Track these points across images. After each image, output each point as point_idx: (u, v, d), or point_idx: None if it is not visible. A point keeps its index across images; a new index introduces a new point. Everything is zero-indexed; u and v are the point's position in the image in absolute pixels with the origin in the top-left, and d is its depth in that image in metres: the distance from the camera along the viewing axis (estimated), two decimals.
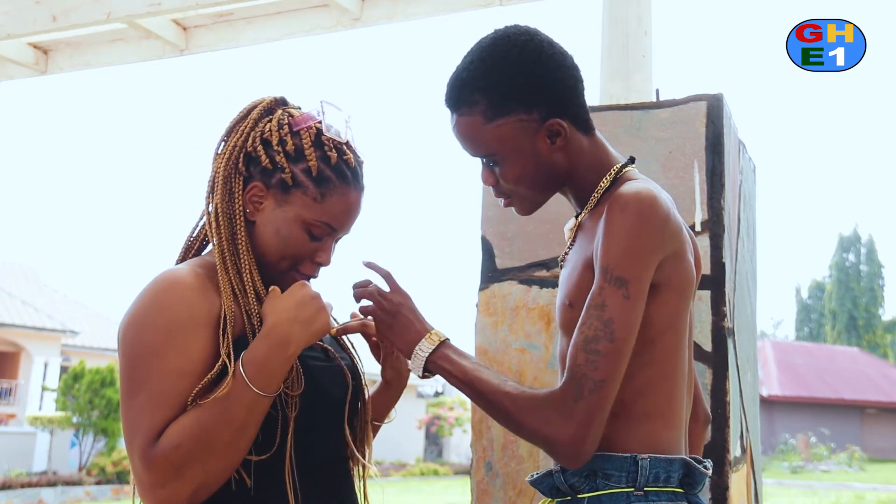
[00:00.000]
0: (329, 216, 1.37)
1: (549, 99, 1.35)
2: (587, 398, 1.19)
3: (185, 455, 1.22)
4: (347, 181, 1.38)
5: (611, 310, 1.21)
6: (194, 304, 1.30)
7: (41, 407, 19.95)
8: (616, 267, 1.23)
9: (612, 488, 1.26)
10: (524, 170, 1.37)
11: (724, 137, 2.02)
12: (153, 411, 1.24)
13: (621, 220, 1.25)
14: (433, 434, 24.83)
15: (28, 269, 24.89)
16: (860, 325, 39.95)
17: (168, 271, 1.35)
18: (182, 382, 1.26)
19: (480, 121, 1.35)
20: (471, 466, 2.12)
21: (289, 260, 1.38)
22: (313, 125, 1.38)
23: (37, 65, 3.67)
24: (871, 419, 29.09)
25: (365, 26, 3.19)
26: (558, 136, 1.36)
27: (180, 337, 1.28)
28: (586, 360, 1.20)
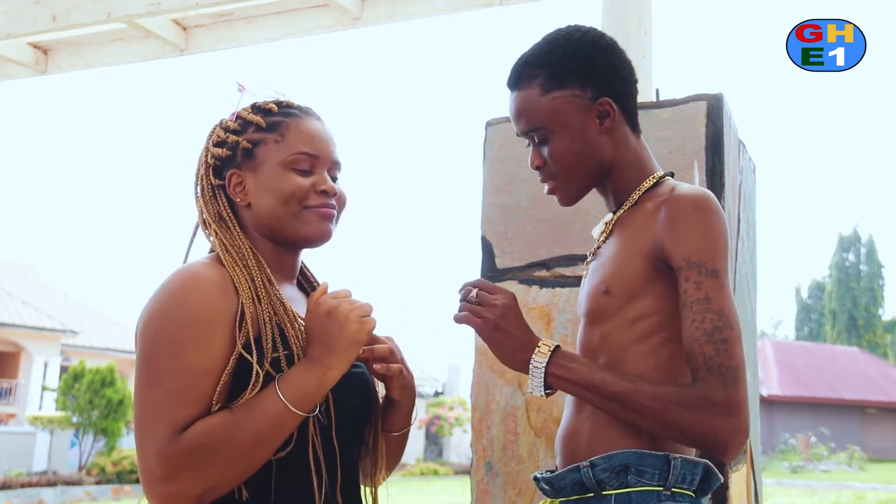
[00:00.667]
0: (300, 145, 1.39)
1: (603, 80, 1.43)
2: (733, 387, 1.20)
3: (210, 454, 1.22)
4: (297, 114, 1.42)
5: (717, 301, 1.25)
6: (216, 300, 1.30)
7: (41, 407, 19.95)
8: (709, 261, 1.27)
9: (645, 485, 1.26)
10: (571, 146, 1.42)
11: (724, 137, 2.02)
12: (174, 406, 1.23)
13: (701, 217, 1.30)
14: (433, 434, 24.83)
15: (28, 269, 24.88)
16: (860, 325, 39.95)
17: (190, 265, 1.35)
18: (203, 379, 1.25)
19: (537, 93, 1.43)
20: (471, 466, 2.12)
21: (294, 202, 1.38)
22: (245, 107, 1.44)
23: (37, 65, 3.67)
24: (871, 419, 29.08)
25: (365, 26, 3.19)
26: (607, 118, 1.42)
27: (202, 333, 1.27)
28: (716, 350, 1.21)
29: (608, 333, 1.36)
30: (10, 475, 15.26)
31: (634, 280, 1.34)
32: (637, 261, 1.34)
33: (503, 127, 2.24)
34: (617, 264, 1.37)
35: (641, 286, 1.33)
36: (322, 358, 1.27)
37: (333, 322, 1.29)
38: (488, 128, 2.27)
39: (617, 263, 1.37)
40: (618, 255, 1.38)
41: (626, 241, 1.38)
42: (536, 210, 2.15)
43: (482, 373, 2.13)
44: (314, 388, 1.26)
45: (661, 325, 1.32)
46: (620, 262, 1.36)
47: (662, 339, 1.32)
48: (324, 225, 1.40)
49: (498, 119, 2.26)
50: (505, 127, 2.24)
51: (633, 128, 1.47)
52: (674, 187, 1.39)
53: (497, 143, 2.24)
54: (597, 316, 1.38)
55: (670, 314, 1.31)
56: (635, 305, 1.34)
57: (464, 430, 22.41)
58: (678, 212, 1.31)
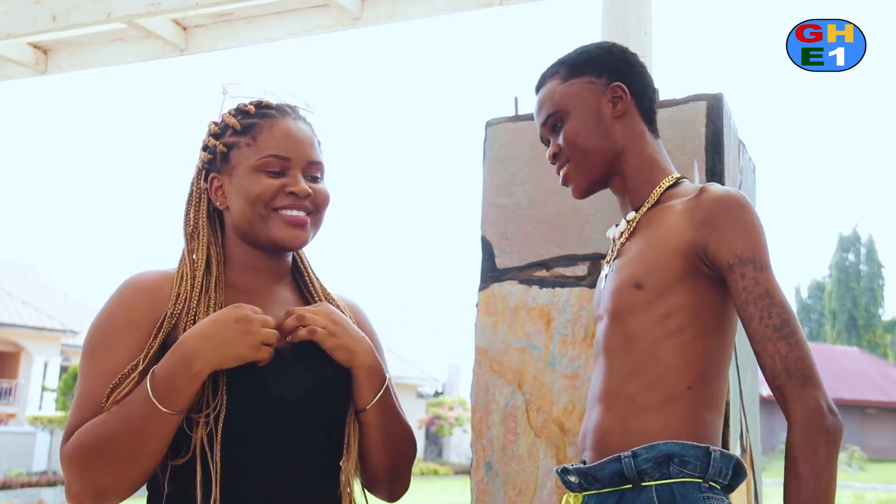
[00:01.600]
0: (269, 148, 1.37)
1: (619, 73, 1.52)
2: (812, 377, 1.24)
3: (85, 457, 1.23)
4: (273, 115, 1.41)
5: (776, 294, 1.28)
6: (137, 305, 1.31)
7: (41, 407, 19.95)
8: (761, 256, 1.31)
9: (687, 476, 1.27)
10: (583, 126, 1.49)
11: (724, 137, 2.02)
12: (75, 412, 1.27)
13: (744, 215, 1.34)
14: (433, 434, 24.83)
15: (28, 269, 24.88)
16: (860, 325, 39.95)
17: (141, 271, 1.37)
18: (105, 385, 1.26)
19: (558, 82, 1.53)
20: (471, 466, 2.12)
21: (261, 204, 1.35)
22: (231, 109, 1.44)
23: (37, 65, 3.67)
24: (871, 419, 29.08)
25: (365, 26, 3.18)
26: (619, 101, 1.49)
27: (113, 338, 1.29)
28: (788, 345, 1.25)
29: (637, 329, 1.36)
30: (10, 475, 15.26)
31: (669, 275, 1.35)
32: (671, 257, 1.35)
33: (503, 127, 2.24)
34: (650, 260, 1.38)
35: (675, 281, 1.35)
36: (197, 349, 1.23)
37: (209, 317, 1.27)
38: (488, 128, 2.26)
39: (649, 259, 1.38)
40: (649, 250, 1.39)
41: (656, 238, 1.40)
42: (536, 210, 2.15)
43: (482, 373, 2.13)
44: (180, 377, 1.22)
45: (692, 321, 1.33)
46: (653, 257, 1.38)
47: (693, 334, 1.33)
48: (293, 231, 1.37)
49: (498, 119, 2.26)
50: (505, 127, 2.24)
51: (649, 125, 1.54)
52: (704, 187, 1.40)
53: (497, 143, 2.24)
54: (625, 311, 1.38)
55: (702, 310, 1.34)
56: (668, 300, 1.34)
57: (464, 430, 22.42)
58: (721, 211, 1.34)
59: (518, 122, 2.22)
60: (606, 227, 2.08)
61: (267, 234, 1.37)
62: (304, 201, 1.37)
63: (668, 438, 1.29)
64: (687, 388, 1.31)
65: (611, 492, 1.31)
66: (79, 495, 1.27)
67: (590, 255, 2.06)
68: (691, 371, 1.31)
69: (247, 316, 1.26)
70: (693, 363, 1.32)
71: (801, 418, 1.23)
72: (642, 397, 1.33)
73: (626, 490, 1.29)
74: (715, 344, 1.34)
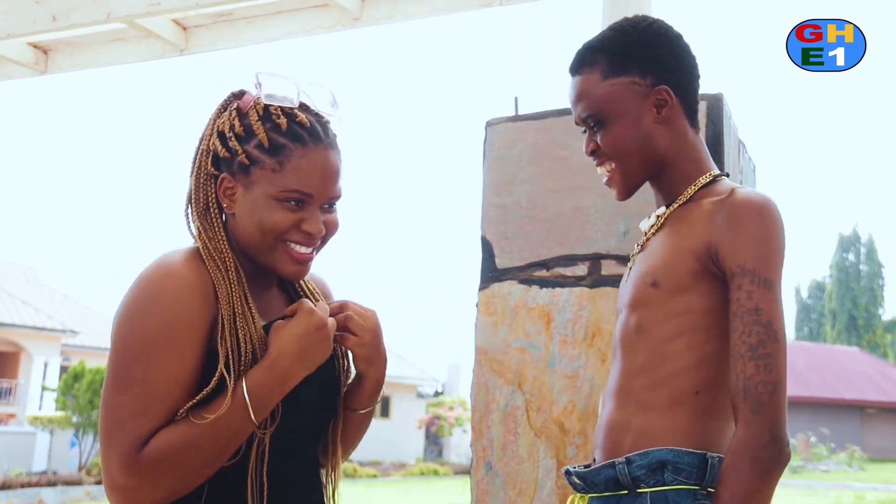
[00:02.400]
0: (294, 183, 1.29)
1: (664, 70, 1.43)
2: (769, 403, 1.21)
3: (169, 467, 1.21)
4: (305, 142, 1.31)
5: (767, 312, 1.25)
6: (193, 305, 1.26)
7: (41, 407, 19.94)
8: (763, 270, 1.27)
9: (681, 484, 1.26)
10: (625, 131, 1.42)
11: (724, 137, 2.02)
12: (141, 416, 1.21)
13: (762, 223, 1.30)
14: (433, 434, 24.83)
15: (28, 269, 24.88)
16: (860, 325, 39.96)
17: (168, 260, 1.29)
18: (173, 389, 1.23)
19: (597, 78, 1.43)
20: (471, 466, 2.12)
21: (272, 236, 1.31)
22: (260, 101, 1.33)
23: (37, 65, 3.67)
24: (871, 419, 29.08)
25: (365, 26, 3.19)
26: (664, 106, 1.41)
27: (177, 340, 1.24)
28: (756, 367, 1.22)
29: (651, 325, 1.35)
30: (10, 475, 15.26)
31: (684, 275, 1.33)
32: (688, 257, 1.33)
33: (503, 127, 2.24)
34: (666, 257, 1.36)
35: (690, 282, 1.33)
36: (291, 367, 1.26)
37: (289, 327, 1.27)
38: (488, 128, 2.27)
39: (666, 256, 1.36)
40: (668, 248, 1.37)
41: (679, 236, 1.37)
42: (536, 210, 2.15)
43: (482, 373, 2.13)
44: (276, 394, 1.25)
45: (706, 323, 1.32)
46: (670, 255, 1.36)
47: (707, 336, 1.31)
48: (297, 267, 1.34)
49: (498, 119, 2.26)
50: (505, 127, 2.24)
51: (691, 121, 1.47)
52: (734, 189, 1.36)
53: (497, 143, 2.24)
54: (641, 306, 1.37)
55: (716, 312, 1.31)
56: (682, 299, 1.33)
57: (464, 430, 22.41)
58: (738, 216, 1.30)
59: (518, 122, 2.22)
60: (607, 227, 2.08)
61: (272, 264, 1.34)
62: (315, 239, 1.35)
63: (670, 443, 1.28)
64: (695, 393, 1.30)
65: (610, 496, 1.31)
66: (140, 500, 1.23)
67: (590, 255, 2.06)
68: (700, 374, 1.30)
69: (323, 322, 1.29)
70: (703, 366, 1.30)
71: (737, 442, 1.21)
72: (649, 396, 1.32)
73: (623, 496, 1.29)
74: (726, 349, 1.29)
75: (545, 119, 2.19)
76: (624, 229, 2.04)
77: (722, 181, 1.43)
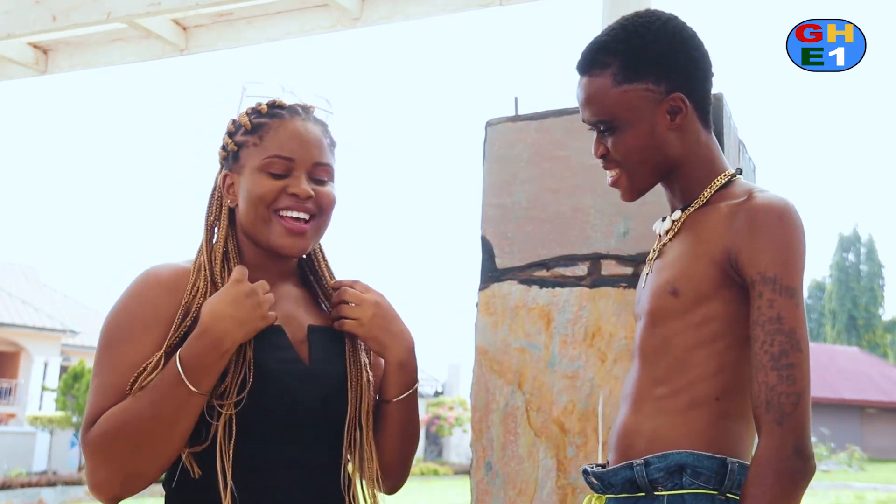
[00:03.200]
0: (274, 148, 1.38)
1: (679, 75, 1.37)
2: (792, 414, 1.18)
3: (111, 442, 1.25)
4: (283, 116, 1.41)
5: (789, 320, 1.21)
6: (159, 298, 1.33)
7: (41, 407, 19.96)
8: (785, 277, 1.23)
9: (700, 488, 1.23)
10: (637, 140, 1.37)
11: (724, 137, 2.02)
12: (97, 400, 1.28)
13: (780, 229, 1.26)
14: (433, 434, 24.83)
15: (28, 269, 24.89)
16: (860, 325, 39.96)
17: (151, 266, 1.38)
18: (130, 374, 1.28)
19: (609, 83, 1.36)
20: (471, 466, 2.12)
21: (263, 206, 1.37)
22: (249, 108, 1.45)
23: (37, 65, 3.66)
24: (871, 419, 29.09)
25: (365, 26, 3.18)
26: (678, 114, 1.36)
27: (138, 330, 1.31)
28: (779, 377, 1.19)
29: (672, 335, 1.32)
30: (10, 475, 15.26)
31: (704, 283, 1.30)
32: (708, 264, 1.30)
33: (503, 127, 2.24)
34: (686, 265, 1.33)
35: (711, 289, 1.29)
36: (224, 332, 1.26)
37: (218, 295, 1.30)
38: (488, 128, 2.27)
39: (687, 265, 1.33)
40: (687, 255, 1.34)
41: (697, 242, 1.34)
42: (536, 210, 2.15)
43: (482, 373, 2.13)
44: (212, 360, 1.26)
45: (728, 329, 1.29)
46: (690, 263, 1.33)
47: (728, 342, 1.29)
48: (292, 239, 1.38)
49: (498, 119, 2.26)
50: (505, 127, 2.24)
51: (704, 123, 1.41)
52: (751, 191, 1.33)
53: (497, 143, 2.24)
54: (661, 316, 1.34)
55: (737, 318, 1.28)
56: (703, 308, 1.30)
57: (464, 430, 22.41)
58: (759, 222, 1.27)
59: (518, 122, 2.22)
60: (607, 227, 2.08)
61: (267, 238, 1.38)
62: (305, 203, 1.37)
63: (687, 446, 1.26)
64: (714, 399, 1.28)
65: (626, 497, 1.30)
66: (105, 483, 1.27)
67: (590, 255, 2.06)
68: (721, 381, 1.28)
69: (253, 290, 1.31)
70: (724, 373, 1.28)
71: (762, 455, 1.19)
72: (668, 402, 1.31)
73: (640, 497, 1.28)
74: (748, 355, 1.27)
75: (545, 119, 2.19)
76: (624, 229, 2.04)
77: (738, 182, 1.39)
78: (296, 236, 1.38)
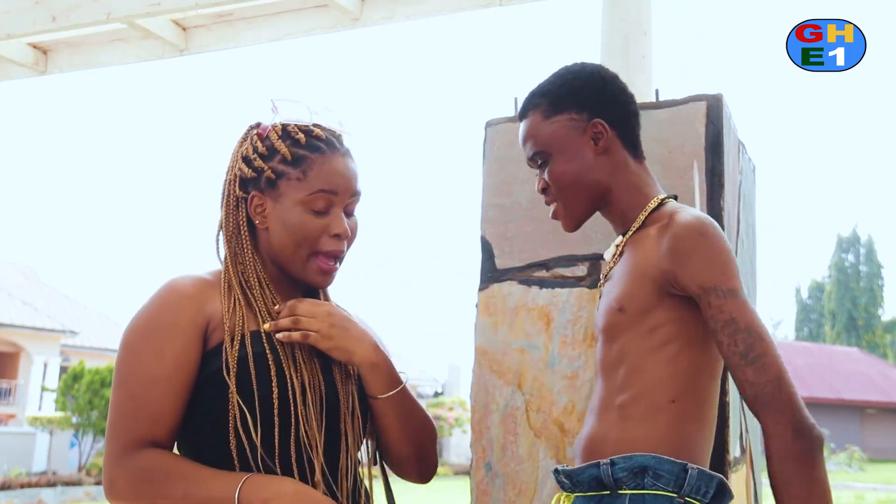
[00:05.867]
0: (320, 184, 1.42)
1: (599, 104, 1.52)
2: (779, 398, 1.26)
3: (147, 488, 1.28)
4: (323, 150, 1.45)
5: (743, 318, 1.31)
6: (181, 309, 1.36)
7: (41, 407, 19.94)
8: (723, 282, 1.33)
9: (660, 490, 1.31)
10: (568, 167, 1.51)
11: (724, 138, 2.02)
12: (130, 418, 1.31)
13: (704, 242, 1.37)
14: None
15: (28, 269, 24.87)
16: (860, 325, 39.96)
17: (179, 276, 1.42)
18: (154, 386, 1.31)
19: (540, 118, 1.54)
20: (470, 466, 2.12)
21: (305, 246, 1.42)
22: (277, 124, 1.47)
23: (36, 65, 3.66)
24: (870, 419, 29.09)
25: (365, 26, 3.18)
26: (601, 138, 1.50)
27: (158, 340, 1.33)
28: (754, 371, 1.28)
29: (626, 345, 1.41)
30: (9, 475, 15.26)
31: (646, 298, 1.40)
32: (647, 283, 1.40)
33: (503, 127, 2.24)
34: (629, 284, 1.43)
35: (653, 302, 1.39)
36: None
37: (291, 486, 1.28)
38: (488, 128, 2.26)
39: (629, 283, 1.43)
40: (629, 275, 1.44)
41: (636, 262, 1.44)
42: (536, 210, 2.15)
43: (482, 373, 2.13)
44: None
45: (676, 333, 1.38)
46: (632, 282, 1.42)
47: (679, 346, 1.38)
48: (325, 277, 1.45)
49: (498, 119, 2.26)
50: (505, 127, 2.23)
51: (633, 152, 1.55)
52: (673, 214, 1.43)
53: (497, 143, 2.24)
54: (614, 332, 1.44)
55: (683, 322, 1.38)
56: (649, 318, 1.39)
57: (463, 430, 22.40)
58: (683, 241, 1.37)
59: (518, 123, 2.22)
60: (607, 228, 2.07)
61: (301, 273, 1.44)
62: (343, 243, 1.46)
63: (648, 450, 1.33)
64: (670, 401, 1.35)
65: (592, 496, 1.37)
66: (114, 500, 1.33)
67: (589, 255, 2.06)
68: (675, 384, 1.36)
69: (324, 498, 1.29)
70: (678, 376, 1.36)
71: (770, 448, 1.26)
72: (629, 409, 1.38)
73: (605, 496, 1.35)
74: (700, 356, 1.38)
75: None
76: None
77: (667, 205, 1.50)
78: (328, 274, 1.46)
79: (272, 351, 1.36)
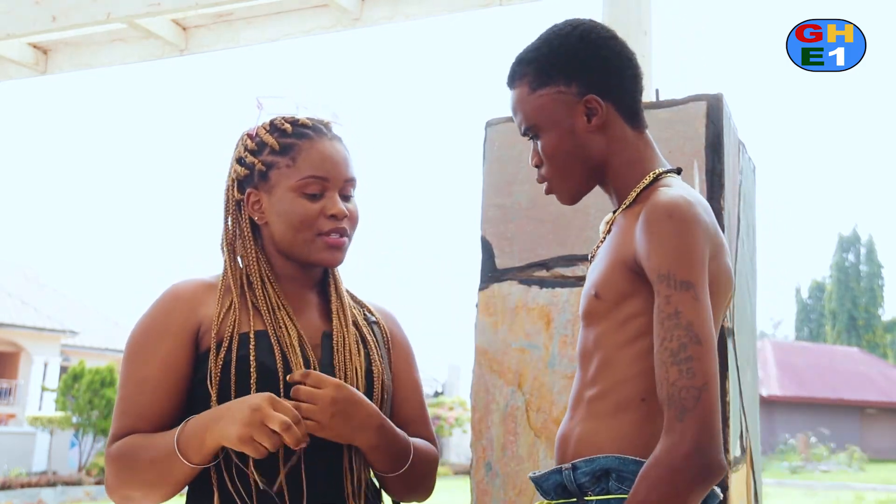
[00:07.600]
0: (309, 170, 1.43)
1: (590, 75, 1.38)
2: (693, 409, 1.13)
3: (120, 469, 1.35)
4: (310, 136, 1.46)
5: (686, 314, 1.18)
6: (174, 312, 1.39)
7: (41, 407, 19.93)
8: (678, 272, 1.20)
9: (625, 493, 1.20)
10: (560, 144, 1.38)
11: (724, 137, 2.02)
12: (118, 416, 1.38)
13: (669, 226, 1.24)
14: None
15: (28, 269, 24.86)
16: (860, 325, 39.93)
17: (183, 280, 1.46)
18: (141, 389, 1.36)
19: (526, 91, 1.40)
20: (471, 466, 2.12)
21: (304, 230, 1.42)
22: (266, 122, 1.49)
23: (37, 65, 3.66)
24: (870, 419, 29.08)
25: (365, 26, 3.18)
26: (595, 115, 1.37)
27: (149, 344, 1.38)
28: (679, 372, 1.15)
29: (601, 335, 1.32)
30: (9, 475, 15.25)
31: (622, 284, 1.29)
32: (622, 268, 1.30)
33: (503, 127, 2.24)
34: (606, 268, 1.33)
35: (629, 290, 1.29)
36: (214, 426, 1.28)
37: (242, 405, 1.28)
38: (488, 128, 2.26)
39: (606, 268, 1.33)
40: (607, 259, 1.34)
41: (616, 245, 1.34)
42: (536, 210, 2.15)
43: (482, 373, 2.13)
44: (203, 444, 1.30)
45: (649, 327, 1.26)
46: (608, 267, 1.33)
47: (650, 342, 1.26)
48: (333, 253, 1.45)
49: (498, 119, 2.26)
50: (505, 127, 2.24)
51: (633, 123, 1.40)
52: (655, 192, 1.32)
53: (497, 143, 2.24)
54: (590, 319, 1.35)
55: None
56: (625, 307, 1.29)
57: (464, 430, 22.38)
58: (650, 221, 1.25)
59: None
60: None
61: (308, 255, 1.44)
62: (342, 222, 1.45)
63: (615, 450, 1.24)
64: (640, 400, 1.26)
65: (562, 503, 1.30)
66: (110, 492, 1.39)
67: (590, 255, 2.06)
68: (645, 382, 1.25)
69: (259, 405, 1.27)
70: (648, 374, 1.24)
71: (659, 451, 1.14)
72: (597, 405, 1.30)
73: (573, 503, 1.27)
74: None
75: None
76: None
77: (662, 180, 1.37)
78: (335, 250, 1.45)
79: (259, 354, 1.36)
